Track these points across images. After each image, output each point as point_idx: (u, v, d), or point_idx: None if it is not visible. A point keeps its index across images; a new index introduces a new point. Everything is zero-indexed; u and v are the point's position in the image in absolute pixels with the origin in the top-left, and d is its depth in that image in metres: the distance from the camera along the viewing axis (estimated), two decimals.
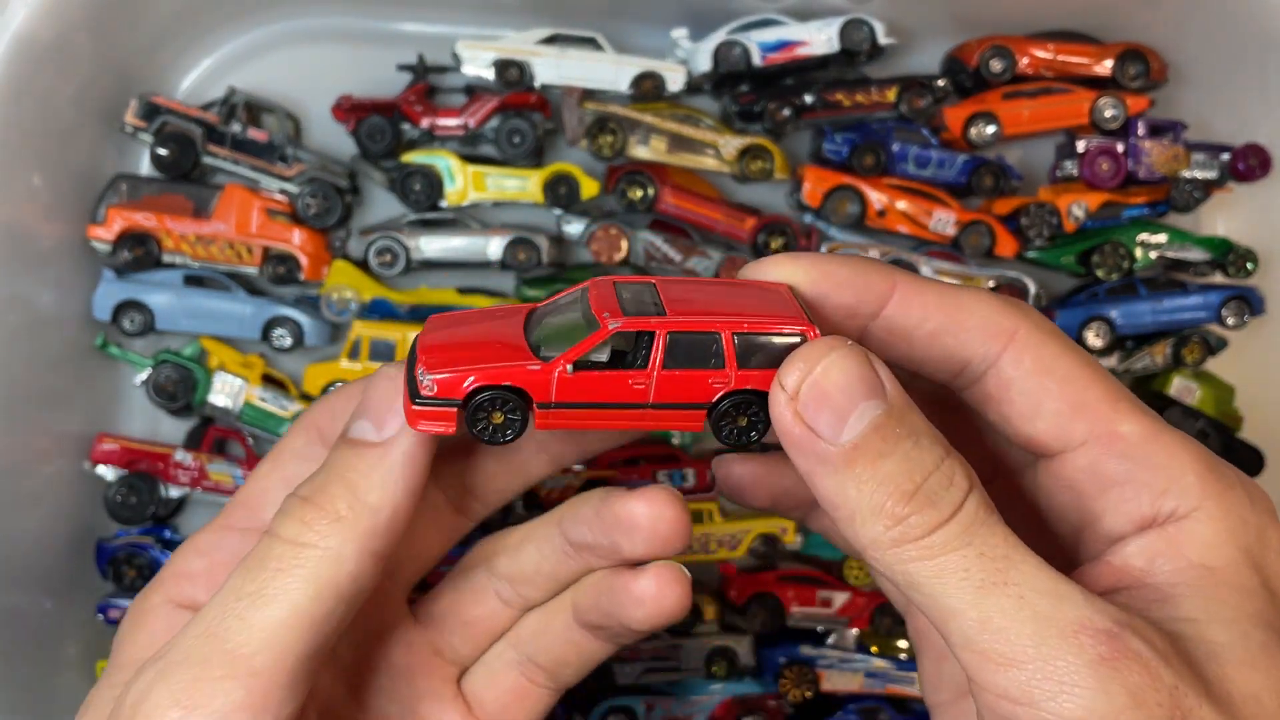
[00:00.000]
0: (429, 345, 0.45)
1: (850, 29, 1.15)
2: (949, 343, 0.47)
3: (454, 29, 1.17)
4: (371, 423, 0.44)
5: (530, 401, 0.43)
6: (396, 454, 0.44)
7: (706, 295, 0.45)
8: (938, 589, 0.41)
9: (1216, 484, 0.45)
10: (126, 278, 1.13)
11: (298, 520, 0.43)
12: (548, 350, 0.43)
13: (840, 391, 0.42)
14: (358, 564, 0.43)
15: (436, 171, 1.16)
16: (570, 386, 0.43)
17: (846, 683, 1.22)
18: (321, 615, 0.42)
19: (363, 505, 0.43)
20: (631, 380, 0.43)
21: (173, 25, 1.12)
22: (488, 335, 0.45)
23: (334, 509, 0.43)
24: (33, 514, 1.06)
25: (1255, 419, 1.26)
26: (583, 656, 0.55)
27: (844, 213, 1.19)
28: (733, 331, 0.43)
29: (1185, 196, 1.20)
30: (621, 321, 0.42)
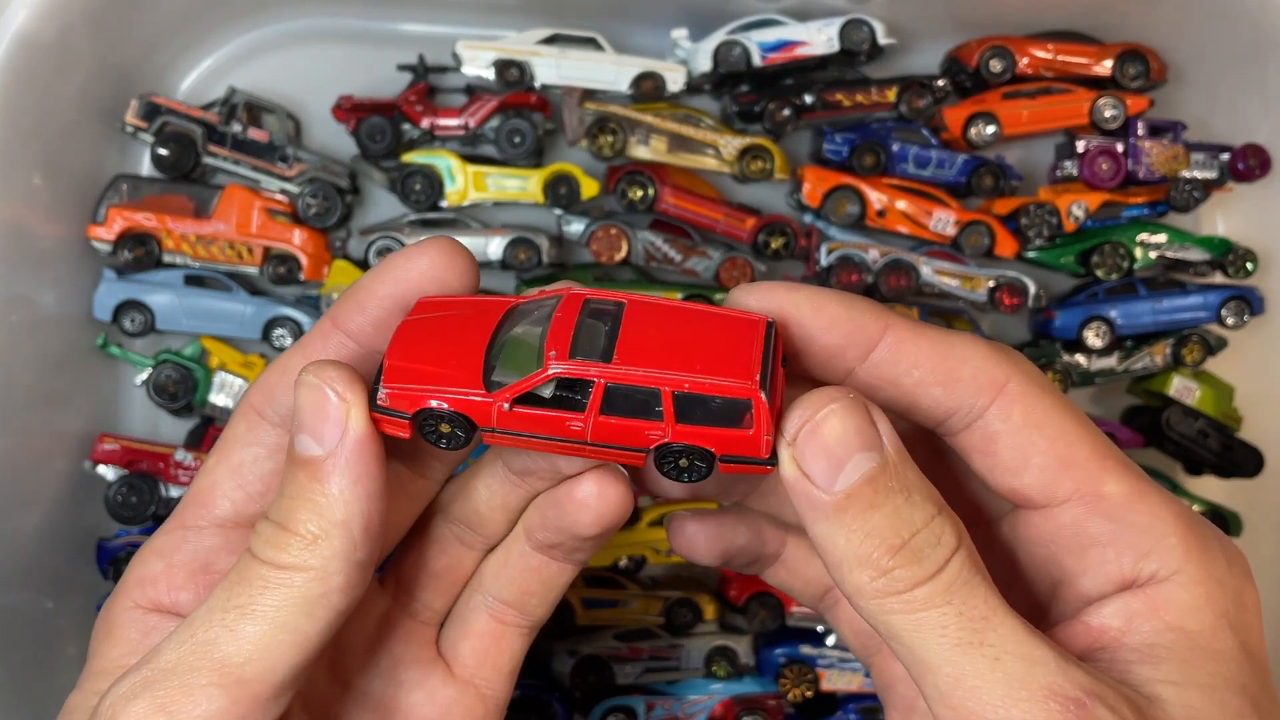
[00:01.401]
0: (397, 346, 0.45)
1: (850, 29, 1.15)
2: (937, 392, 0.47)
3: (454, 29, 1.17)
4: (310, 437, 0.43)
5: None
6: (343, 467, 0.43)
7: (665, 336, 0.44)
8: (916, 642, 0.42)
9: (1198, 546, 0.46)
10: (127, 278, 1.13)
11: (275, 545, 0.43)
12: (499, 374, 0.44)
13: (836, 441, 0.42)
14: (343, 578, 0.43)
15: (437, 171, 1.16)
16: (511, 419, 0.44)
17: (846, 682, 1.22)
18: (313, 630, 0.43)
19: (331, 523, 0.43)
20: (569, 421, 0.44)
21: (173, 25, 1.13)
22: (453, 342, 0.45)
23: (306, 531, 0.43)
24: (33, 514, 1.06)
25: (1255, 419, 1.27)
26: (545, 582, 0.55)
27: (844, 213, 1.19)
28: (672, 390, 0.43)
29: (1185, 196, 1.20)
30: (563, 368, 0.43)
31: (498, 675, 0.56)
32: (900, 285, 1.20)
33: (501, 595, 0.55)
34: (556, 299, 0.46)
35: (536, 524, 0.53)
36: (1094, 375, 1.24)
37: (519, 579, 0.55)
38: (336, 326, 0.48)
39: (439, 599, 0.56)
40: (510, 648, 0.56)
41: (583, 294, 0.47)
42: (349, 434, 0.43)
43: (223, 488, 0.49)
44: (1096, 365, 1.23)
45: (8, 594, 1.03)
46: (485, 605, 0.56)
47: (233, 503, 0.49)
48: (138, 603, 0.49)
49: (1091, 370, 1.23)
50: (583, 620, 1.20)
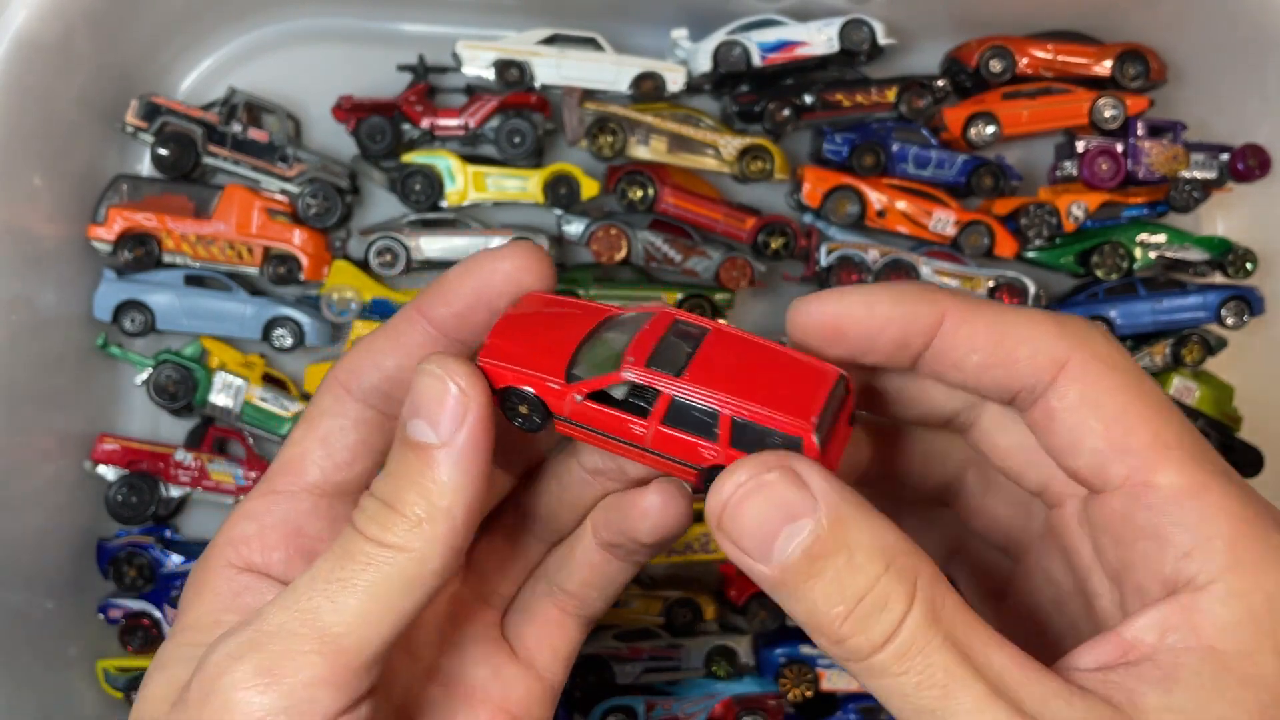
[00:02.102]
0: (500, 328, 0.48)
1: (850, 29, 1.15)
2: (998, 373, 0.46)
3: (454, 29, 1.17)
4: (427, 423, 0.45)
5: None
6: (456, 457, 0.45)
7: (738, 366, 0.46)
8: (890, 705, 0.42)
9: (1250, 552, 0.41)
10: (127, 278, 1.13)
11: (380, 524, 0.45)
12: (581, 370, 0.47)
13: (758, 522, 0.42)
14: (441, 561, 0.45)
15: (437, 172, 1.16)
16: (581, 411, 0.47)
17: (846, 682, 1.22)
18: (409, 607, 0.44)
19: (437, 509, 0.44)
20: (632, 425, 0.46)
21: (173, 26, 1.13)
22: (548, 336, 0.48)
23: (413, 514, 0.44)
24: (34, 514, 1.07)
25: (1255, 419, 1.27)
26: (605, 579, 0.57)
27: (844, 213, 1.19)
28: (731, 415, 0.44)
29: (1184, 197, 1.21)
30: (635, 374, 0.45)
31: (556, 660, 0.58)
32: None
33: (565, 586, 0.58)
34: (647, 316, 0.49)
35: (602, 523, 0.55)
36: None
37: (582, 573, 0.57)
38: (421, 314, 0.50)
39: (507, 584, 0.59)
40: (569, 636, 0.59)
41: (674, 314, 0.49)
42: (466, 427, 0.44)
43: (312, 456, 0.51)
44: None
45: (8, 594, 1.03)
46: (549, 594, 0.58)
47: (321, 470, 0.51)
48: (230, 561, 0.50)
49: None
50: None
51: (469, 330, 0.50)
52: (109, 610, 1.13)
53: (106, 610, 1.13)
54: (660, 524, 0.53)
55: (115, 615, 1.13)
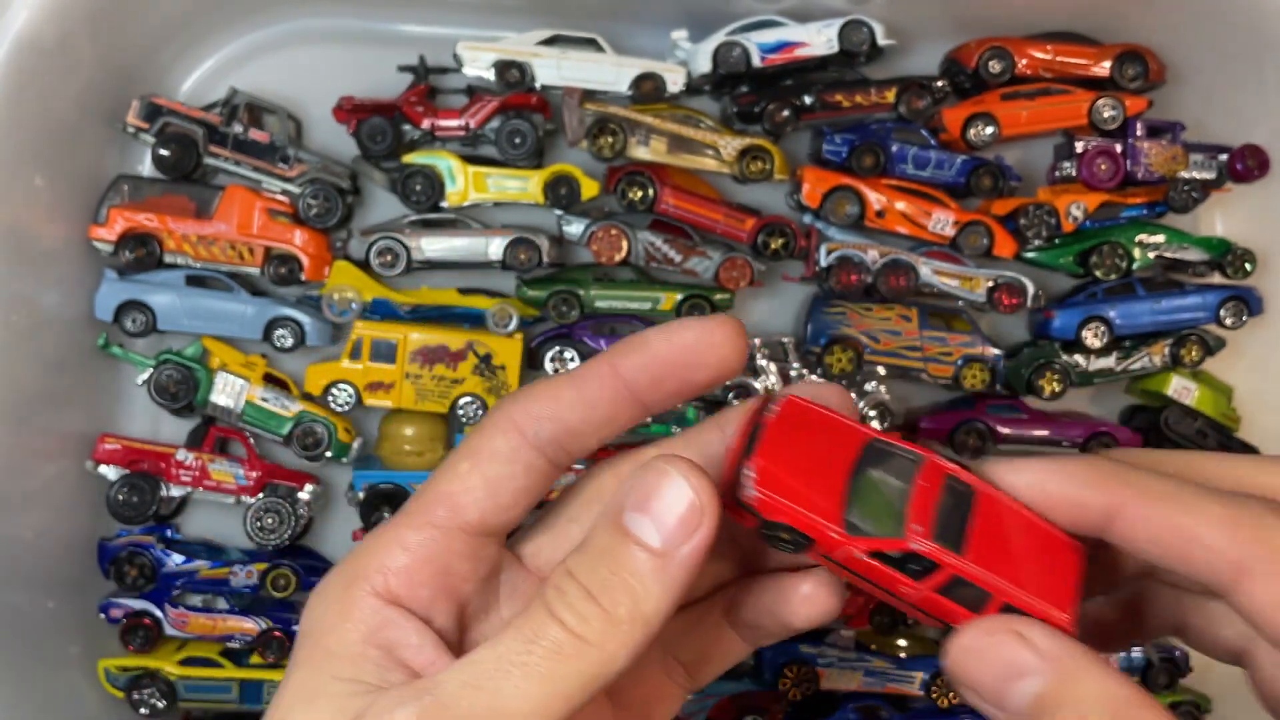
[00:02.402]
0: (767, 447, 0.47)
1: (849, 30, 1.15)
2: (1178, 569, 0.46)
3: (455, 30, 1.17)
4: (655, 525, 0.44)
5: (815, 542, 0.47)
6: (678, 570, 0.44)
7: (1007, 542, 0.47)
8: None
9: None
10: (128, 278, 1.14)
11: (578, 612, 0.44)
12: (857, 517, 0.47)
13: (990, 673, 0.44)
14: (624, 664, 0.44)
15: (438, 172, 1.16)
16: (857, 563, 0.47)
17: (846, 681, 1.22)
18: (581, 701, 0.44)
19: (641, 615, 0.44)
20: (902, 584, 0.47)
21: (174, 27, 1.13)
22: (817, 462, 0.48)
23: (616, 613, 0.44)
24: (35, 513, 1.07)
25: (1253, 419, 1.27)
26: (725, 655, 0.56)
27: (843, 213, 1.19)
28: (1003, 601, 0.46)
29: (1183, 197, 1.21)
30: (925, 546, 0.46)
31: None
32: (899, 285, 1.20)
33: (681, 656, 0.56)
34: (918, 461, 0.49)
35: (746, 604, 0.54)
36: (1093, 375, 1.24)
37: (702, 647, 0.56)
38: (614, 370, 0.49)
39: None
40: (671, 704, 0.57)
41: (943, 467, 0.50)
42: (693, 544, 0.44)
43: (474, 495, 0.49)
44: (1095, 365, 1.24)
45: (10, 593, 1.03)
46: (662, 661, 0.56)
47: (482, 512, 0.49)
48: (376, 589, 0.48)
49: (1090, 370, 1.24)
50: None
51: (659, 395, 0.49)
52: (110, 610, 1.14)
53: (108, 610, 1.14)
54: (818, 613, 0.52)
55: (116, 615, 1.14)
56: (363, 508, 1.15)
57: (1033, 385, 1.21)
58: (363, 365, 1.16)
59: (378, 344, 1.16)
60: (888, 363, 1.22)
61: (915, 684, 1.23)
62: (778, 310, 1.27)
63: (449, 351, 1.16)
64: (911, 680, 1.23)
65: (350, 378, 1.16)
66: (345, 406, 1.16)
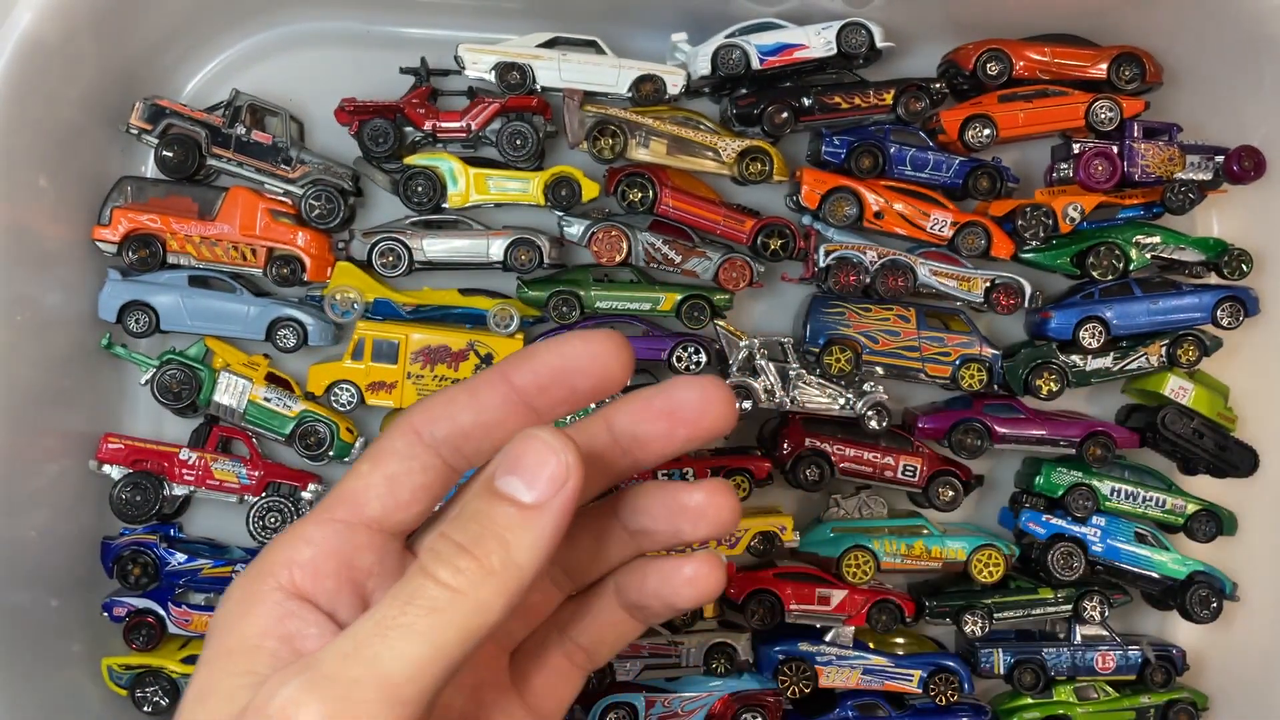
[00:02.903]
0: None
1: (848, 32, 1.16)
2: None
3: (456, 33, 1.18)
4: (524, 483, 0.46)
5: None
6: (548, 519, 0.46)
7: None
8: None
9: None
10: (132, 278, 1.14)
11: (452, 566, 0.46)
12: None
13: None
14: (499, 615, 0.46)
15: (439, 174, 1.17)
16: None
17: (844, 679, 1.23)
18: (460, 656, 0.45)
19: (513, 563, 0.46)
20: None
21: (177, 29, 1.14)
22: None
23: (489, 562, 0.46)
24: (38, 512, 1.07)
25: (1250, 418, 1.28)
26: (619, 635, 0.59)
27: (842, 214, 1.20)
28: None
29: (1180, 198, 1.21)
30: None
31: (559, 709, 0.60)
32: (898, 286, 1.21)
33: (579, 639, 0.59)
34: None
35: (633, 585, 0.57)
36: (1090, 375, 1.25)
37: (598, 629, 0.59)
38: (505, 378, 0.52)
39: (521, 629, 0.60)
40: (574, 687, 0.60)
41: None
42: (562, 495, 0.46)
43: (375, 491, 0.52)
44: (1092, 365, 1.24)
45: (14, 592, 1.03)
46: (560, 645, 0.59)
47: (383, 506, 0.52)
48: (280, 584, 0.50)
49: (1087, 370, 1.24)
50: None
51: (546, 402, 0.51)
52: (113, 608, 1.14)
53: (111, 608, 1.14)
54: (703, 593, 0.55)
55: (119, 613, 1.14)
56: None
57: (1030, 385, 1.22)
58: (365, 365, 1.16)
59: (379, 344, 1.16)
60: (886, 363, 1.22)
61: (913, 681, 1.24)
62: (777, 310, 1.28)
63: (450, 352, 1.17)
64: (910, 678, 1.24)
65: (352, 378, 1.16)
66: (347, 406, 1.17)
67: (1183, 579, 1.26)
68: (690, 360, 1.20)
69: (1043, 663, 1.26)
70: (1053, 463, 1.26)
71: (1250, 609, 1.28)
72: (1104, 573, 1.27)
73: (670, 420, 0.53)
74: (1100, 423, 1.26)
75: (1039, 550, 1.25)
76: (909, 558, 1.23)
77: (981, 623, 1.25)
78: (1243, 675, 1.29)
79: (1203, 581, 1.26)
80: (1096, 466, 1.26)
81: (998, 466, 1.32)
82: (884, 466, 1.24)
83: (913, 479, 1.24)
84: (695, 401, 0.53)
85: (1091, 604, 1.25)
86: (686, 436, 0.53)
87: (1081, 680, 1.28)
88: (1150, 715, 1.27)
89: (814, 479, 1.21)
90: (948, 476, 1.24)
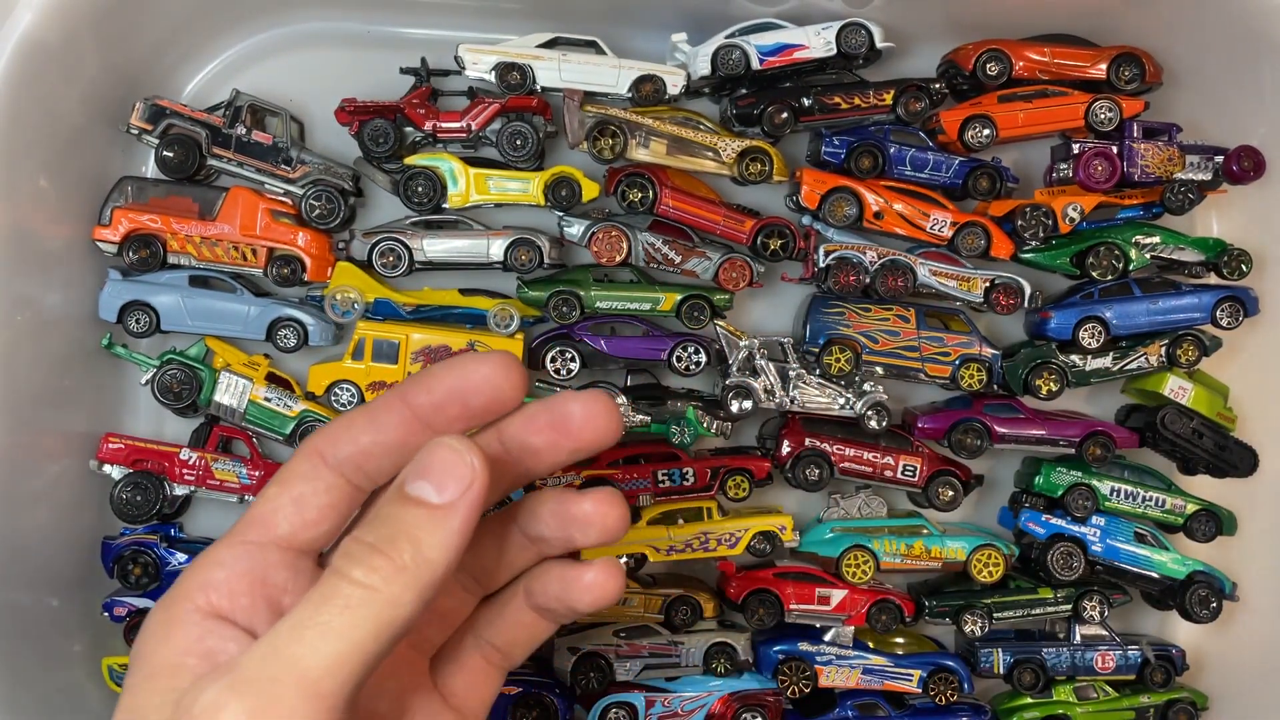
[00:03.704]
0: None
1: (848, 33, 1.16)
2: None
3: (457, 33, 1.18)
4: (433, 486, 0.49)
5: None
6: (457, 518, 0.49)
7: None
8: None
9: None
10: (132, 278, 1.14)
11: (365, 565, 0.48)
12: None
13: None
14: (412, 610, 0.48)
15: (439, 174, 1.17)
16: None
17: (844, 678, 1.23)
18: (377, 651, 0.47)
19: (424, 559, 0.48)
20: None
21: (178, 29, 1.14)
22: None
23: (400, 559, 0.48)
24: (39, 512, 1.08)
25: (1250, 418, 1.28)
26: (532, 636, 0.62)
27: (841, 214, 1.20)
28: None
29: (1179, 198, 1.21)
30: None
31: (480, 708, 0.62)
32: (897, 286, 1.21)
33: (494, 641, 0.62)
34: None
35: (538, 589, 0.60)
36: (1090, 375, 1.25)
37: (512, 631, 0.62)
38: (402, 401, 0.54)
39: (438, 634, 0.62)
40: (494, 685, 0.63)
41: None
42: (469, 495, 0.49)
43: (284, 512, 0.54)
44: (1092, 365, 1.24)
45: (14, 591, 1.04)
46: (477, 647, 0.62)
47: (290, 526, 0.54)
48: (198, 605, 0.52)
49: (1087, 370, 1.24)
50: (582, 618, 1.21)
51: (443, 420, 0.54)
52: (114, 608, 1.14)
53: (111, 608, 1.14)
54: (601, 598, 0.58)
55: (120, 613, 1.14)
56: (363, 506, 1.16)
57: (1030, 385, 1.22)
58: (365, 365, 1.16)
59: (380, 344, 1.17)
60: (885, 363, 1.22)
61: (913, 681, 1.24)
62: (776, 310, 1.28)
63: (450, 352, 1.17)
64: (909, 678, 1.24)
65: (353, 377, 1.16)
66: (348, 406, 1.17)
67: (1182, 579, 1.26)
68: (690, 360, 1.20)
69: (1042, 662, 1.26)
70: (1052, 463, 1.26)
71: (1250, 609, 1.28)
72: (1104, 573, 1.27)
73: (556, 432, 0.56)
74: (1100, 423, 1.27)
75: (1039, 550, 1.26)
76: (909, 557, 1.24)
77: (981, 622, 1.25)
78: (1242, 675, 1.29)
79: (1202, 581, 1.26)
80: (1096, 466, 1.26)
81: (997, 466, 1.32)
82: (884, 466, 1.24)
83: (912, 479, 1.24)
84: (578, 415, 0.55)
85: (1091, 604, 1.25)
86: (572, 448, 0.56)
87: (1081, 680, 1.28)
88: (1150, 715, 1.28)
89: (814, 479, 1.21)
90: (947, 476, 1.25)
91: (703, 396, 1.24)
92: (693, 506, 1.23)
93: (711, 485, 1.22)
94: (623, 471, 1.21)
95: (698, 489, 1.22)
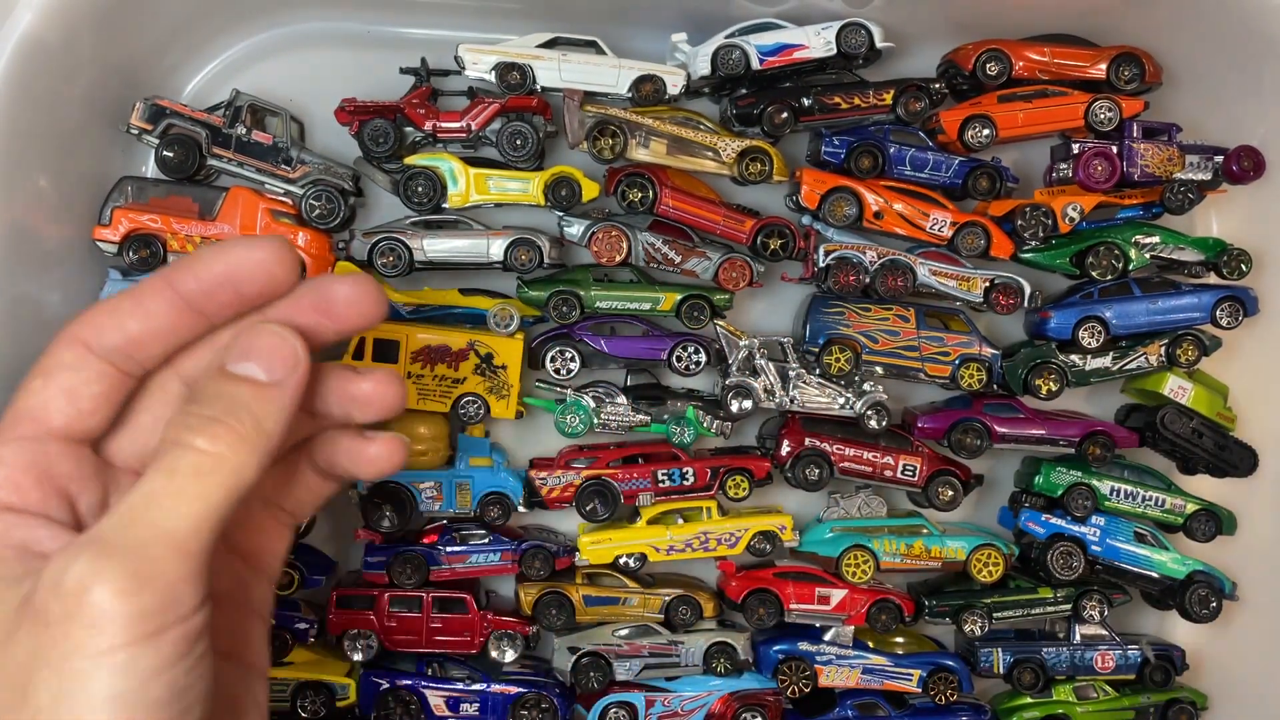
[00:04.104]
0: None
1: (848, 33, 1.16)
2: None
3: (457, 33, 1.18)
4: (261, 367, 0.53)
5: None
6: (287, 394, 0.54)
7: None
8: None
9: None
10: (132, 278, 1.14)
11: (209, 434, 0.51)
12: None
13: None
14: (255, 474, 0.52)
15: (439, 174, 1.17)
16: None
17: (844, 678, 1.23)
18: (228, 511, 0.51)
19: (263, 430, 0.53)
20: None
21: (178, 29, 1.14)
22: None
23: (242, 430, 0.52)
24: None
25: (1250, 418, 1.28)
26: (317, 495, 0.66)
27: (841, 214, 1.20)
28: None
29: (1179, 198, 1.21)
30: None
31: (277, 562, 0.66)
32: (897, 286, 1.21)
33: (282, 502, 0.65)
34: None
35: (323, 459, 0.63)
36: (1089, 375, 1.25)
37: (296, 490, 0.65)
38: (169, 285, 0.55)
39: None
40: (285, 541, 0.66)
41: None
42: (297, 375, 0.54)
43: (55, 404, 0.56)
44: (1091, 365, 1.25)
45: None
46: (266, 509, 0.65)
47: (65, 418, 0.56)
48: None
49: (1087, 370, 1.24)
50: (583, 617, 1.21)
51: (214, 306, 0.56)
52: None
53: None
54: (384, 470, 0.62)
55: None
56: (363, 506, 1.16)
57: (1030, 385, 1.22)
58: (365, 365, 1.16)
59: (380, 344, 1.17)
60: (885, 362, 1.22)
61: (913, 681, 1.24)
62: (776, 310, 1.28)
63: (450, 351, 1.17)
64: (909, 677, 1.24)
65: None
66: None
67: (1182, 578, 1.27)
68: (690, 360, 1.20)
69: (1042, 662, 1.26)
70: (1052, 462, 1.26)
71: (1250, 609, 1.28)
72: (1103, 572, 1.27)
73: (320, 314, 0.58)
74: (1100, 422, 1.27)
75: (1038, 550, 1.26)
76: (909, 557, 1.24)
77: (981, 622, 1.25)
78: (1242, 675, 1.29)
79: (1202, 581, 1.26)
80: (1096, 466, 1.26)
81: (997, 466, 1.32)
82: (884, 466, 1.24)
83: (912, 478, 1.25)
84: (343, 297, 0.57)
85: (1091, 603, 1.25)
86: (336, 329, 0.58)
87: (1081, 680, 1.28)
88: (1150, 714, 1.28)
89: (814, 479, 1.21)
90: (947, 476, 1.25)
91: (703, 396, 1.24)
92: (692, 505, 1.23)
93: (711, 485, 1.22)
94: (623, 471, 1.21)
95: (698, 489, 1.22)
